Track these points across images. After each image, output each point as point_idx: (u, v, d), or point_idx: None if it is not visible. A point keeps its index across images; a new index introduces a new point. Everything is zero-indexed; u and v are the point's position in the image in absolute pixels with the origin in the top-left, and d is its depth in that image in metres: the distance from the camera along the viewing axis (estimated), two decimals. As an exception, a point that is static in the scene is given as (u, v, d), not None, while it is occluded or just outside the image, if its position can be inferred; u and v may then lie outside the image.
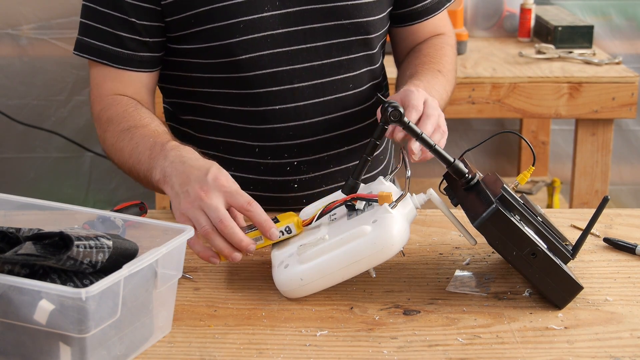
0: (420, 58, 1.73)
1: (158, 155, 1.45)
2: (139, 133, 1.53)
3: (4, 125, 3.16)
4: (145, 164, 1.48)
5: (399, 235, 1.29)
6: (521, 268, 1.29)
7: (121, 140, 1.55)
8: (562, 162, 3.39)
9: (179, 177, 1.39)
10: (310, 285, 1.31)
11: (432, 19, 1.78)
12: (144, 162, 1.48)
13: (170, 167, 1.41)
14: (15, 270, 1.13)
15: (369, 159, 1.38)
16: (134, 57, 1.62)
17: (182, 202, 1.36)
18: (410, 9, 1.75)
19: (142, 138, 1.52)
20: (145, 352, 1.20)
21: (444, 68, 1.71)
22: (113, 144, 1.58)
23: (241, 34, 1.59)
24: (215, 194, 1.34)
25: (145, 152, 1.49)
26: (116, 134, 1.57)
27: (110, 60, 1.62)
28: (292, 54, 1.63)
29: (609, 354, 1.19)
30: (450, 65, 1.74)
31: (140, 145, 1.51)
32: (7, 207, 1.31)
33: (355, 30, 1.66)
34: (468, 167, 1.37)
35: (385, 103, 1.33)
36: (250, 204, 1.34)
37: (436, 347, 1.21)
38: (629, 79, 2.68)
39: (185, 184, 1.37)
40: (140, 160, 1.49)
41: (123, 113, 1.58)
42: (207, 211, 1.33)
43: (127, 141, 1.54)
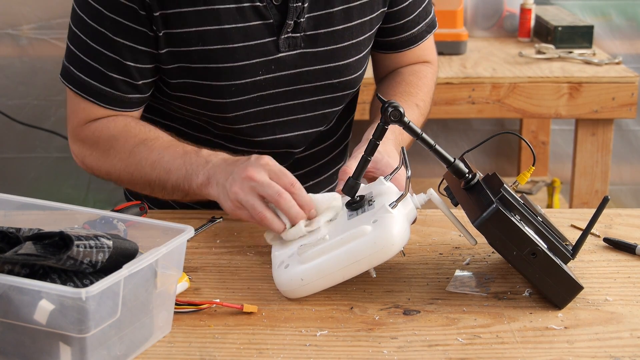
0: (401, 86, 1.74)
1: (195, 161, 1.46)
2: (158, 144, 1.52)
3: (4, 125, 3.16)
4: (179, 171, 1.47)
5: (399, 235, 1.29)
6: (521, 268, 1.29)
7: (137, 152, 1.53)
8: (562, 162, 3.39)
9: (224, 173, 1.41)
10: (310, 285, 1.31)
11: (417, 47, 1.80)
12: (176, 170, 1.48)
13: (214, 169, 1.43)
14: (15, 270, 1.13)
15: (369, 159, 1.38)
16: (123, 99, 1.58)
17: (230, 189, 1.38)
18: (393, 39, 1.77)
19: (165, 149, 1.51)
20: (145, 352, 1.20)
21: (422, 101, 1.73)
22: (125, 159, 1.55)
23: (231, 95, 1.59)
24: (261, 171, 1.36)
25: (176, 160, 1.48)
26: (127, 148, 1.54)
27: (97, 99, 1.57)
28: (279, 109, 1.65)
29: (609, 354, 1.19)
30: (428, 97, 1.77)
31: (167, 156, 1.50)
32: (7, 207, 1.31)
33: (344, 86, 1.69)
34: (468, 167, 1.37)
35: (385, 103, 1.33)
36: (294, 185, 1.36)
37: (436, 347, 1.21)
38: (629, 79, 2.68)
39: (229, 175, 1.39)
40: (170, 170, 1.48)
41: (125, 127, 1.56)
42: (260, 190, 1.36)
43: (145, 153, 1.52)
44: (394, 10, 1.72)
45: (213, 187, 1.42)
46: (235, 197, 1.38)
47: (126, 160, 1.55)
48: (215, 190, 1.42)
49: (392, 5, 1.71)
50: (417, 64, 1.82)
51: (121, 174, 1.58)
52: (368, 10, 1.66)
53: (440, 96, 2.67)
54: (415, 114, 1.69)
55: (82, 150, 1.63)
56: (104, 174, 1.62)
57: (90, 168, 1.64)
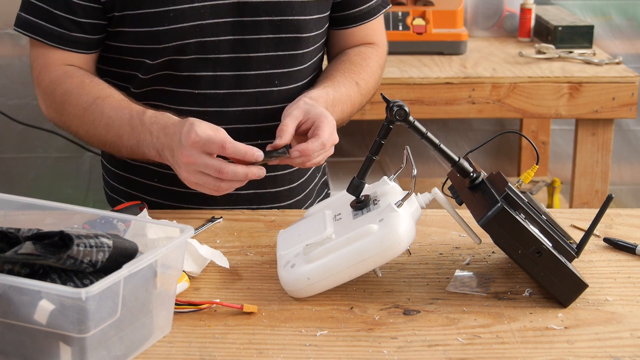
0: (345, 64, 1.77)
1: (141, 131, 1.52)
2: (108, 105, 1.56)
3: (4, 125, 3.16)
4: (130, 139, 1.54)
5: (405, 233, 1.29)
6: (526, 266, 1.29)
7: (90, 113, 1.58)
8: (562, 162, 3.39)
9: (167, 149, 1.47)
10: (317, 285, 1.31)
11: (365, 25, 1.81)
12: (127, 137, 1.54)
13: (157, 142, 1.49)
14: (15, 270, 1.13)
15: (374, 159, 1.38)
16: (70, 37, 1.63)
17: (181, 174, 1.45)
18: (344, 14, 1.78)
19: (114, 110, 1.56)
20: (145, 352, 1.20)
21: (363, 80, 1.75)
22: (79, 117, 1.60)
23: (169, 22, 1.61)
24: (193, 152, 1.42)
25: (124, 126, 1.54)
26: (80, 107, 1.59)
27: (47, 38, 1.63)
28: (218, 44, 1.65)
29: (609, 354, 1.19)
30: (371, 77, 1.78)
31: (116, 120, 1.55)
32: (7, 207, 1.31)
33: (286, 27, 1.68)
34: (472, 166, 1.37)
35: (390, 102, 1.34)
36: (224, 147, 1.41)
37: (436, 347, 1.21)
38: (629, 79, 2.68)
39: (173, 154, 1.45)
40: (122, 135, 1.54)
41: (81, 85, 1.60)
42: (205, 171, 1.42)
43: (97, 114, 1.57)
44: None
45: (167, 160, 1.50)
46: (190, 181, 1.45)
47: (81, 118, 1.60)
48: (169, 163, 1.49)
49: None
50: (364, 46, 1.83)
51: (78, 130, 1.63)
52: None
53: (440, 96, 2.67)
54: (354, 92, 1.71)
55: (43, 100, 1.68)
56: (63, 127, 1.67)
57: (52, 119, 1.69)
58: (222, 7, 1.63)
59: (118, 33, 1.65)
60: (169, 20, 1.61)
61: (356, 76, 1.74)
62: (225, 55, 1.66)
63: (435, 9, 2.96)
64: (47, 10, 1.62)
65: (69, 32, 1.63)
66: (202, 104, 1.69)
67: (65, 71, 1.64)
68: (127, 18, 1.62)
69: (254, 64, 1.69)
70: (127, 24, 1.63)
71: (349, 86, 1.70)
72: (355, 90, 1.72)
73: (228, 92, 1.69)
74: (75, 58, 1.65)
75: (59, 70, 1.64)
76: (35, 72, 1.68)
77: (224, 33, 1.65)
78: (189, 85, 1.68)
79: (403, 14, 2.94)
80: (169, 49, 1.63)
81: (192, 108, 1.69)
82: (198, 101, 1.69)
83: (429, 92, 2.67)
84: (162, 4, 1.60)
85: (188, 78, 1.67)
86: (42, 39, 1.63)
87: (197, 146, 1.41)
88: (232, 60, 1.67)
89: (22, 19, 1.65)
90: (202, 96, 1.68)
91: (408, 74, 2.70)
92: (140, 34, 1.63)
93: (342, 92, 1.68)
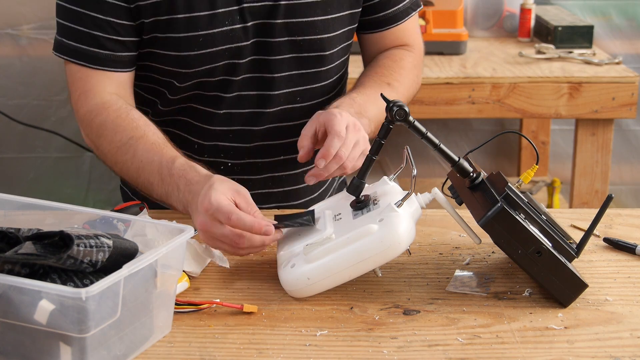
0: (375, 69, 1.75)
1: (169, 183, 1.48)
2: (141, 147, 1.53)
3: (4, 125, 3.16)
4: (159, 188, 1.50)
5: (405, 233, 1.29)
6: (526, 266, 1.29)
7: (123, 153, 1.56)
8: (562, 162, 3.39)
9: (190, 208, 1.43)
10: (317, 285, 1.31)
11: (397, 27, 1.80)
12: (157, 185, 1.50)
13: (184, 197, 1.45)
14: (15, 270, 1.13)
15: (374, 159, 1.38)
16: (112, 57, 1.62)
17: (200, 236, 1.39)
18: (375, 16, 1.77)
19: (146, 154, 1.52)
20: (145, 352, 1.20)
21: (396, 80, 1.72)
22: (113, 154, 1.58)
23: (199, 47, 1.61)
24: (207, 219, 1.36)
25: (154, 174, 1.50)
26: (115, 145, 1.57)
27: (90, 62, 1.61)
28: (243, 65, 1.65)
29: (609, 354, 1.19)
30: (405, 78, 1.75)
31: (147, 165, 1.52)
32: (7, 207, 1.31)
33: (309, 47, 1.68)
34: (472, 166, 1.37)
35: (390, 102, 1.34)
36: (230, 219, 1.34)
37: (436, 347, 1.21)
38: (629, 79, 2.68)
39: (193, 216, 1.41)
40: (152, 182, 1.51)
41: (116, 120, 1.58)
42: (221, 239, 1.36)
43: (130, 155, 1.54)
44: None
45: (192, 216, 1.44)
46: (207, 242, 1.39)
47: (114, 156, 1.58)
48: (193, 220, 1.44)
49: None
50: (396, 48, 1.81)
51: (112, 166, 1.61)
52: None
53: (440, 96, 2.67)
54: (386, 91, 1.67)
55: (82, 127, 1.67)
56: (100, 158, 1.65)
57: (90, 147, 1.67)
58: (249, 29, 1.63)
59: (149, 53, 1.64)
60: (198, 46, 1.61)
61: (387, 78, 1.72)
62: (249, 75, 1.67)
63: (435, 9, 2.96)
64: (87, 33, 1.60)
65: (114, 53, 1.61)
66: (226, 123, 1.69)
67: (103, 101, 1.61)
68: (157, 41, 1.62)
69: (277, 84, 1.69)
70: (157, 46, 1.63)
71: (378, 88, 1.68)
72: (387, 90, 1.69)
73: (252, 111, 1.69)
74: (116, 78, 1.63)
75: (97, 98, 1.62)
76: (74, 98, 1.66)
77: (249, 54, 1.65)
78: (214, 105, 1.68)
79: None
80: (199, 73, 1.64)
81: (216, 127, 1.70)
82: (222, 120, 1.69)
83: (429, 92, 2.67)
84: (192, 29, 1.60)
85: (214, 98, 1.68)
86: (87, 63, 1.61)
87: (209, 213, 1.36)
88: (256, 80, 1.67)
89: (64, 44, 1.63)
90: (226, 115, 1.69)
91: (408, 74, 2.70)
92: (171, 57, 1.63)
93: (369, 93, 1.65)
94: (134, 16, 1.60)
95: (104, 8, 1.58)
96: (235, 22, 1.62)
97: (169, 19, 1.59)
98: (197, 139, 1.72)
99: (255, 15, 1.63)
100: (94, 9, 1.59)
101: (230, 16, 1.61)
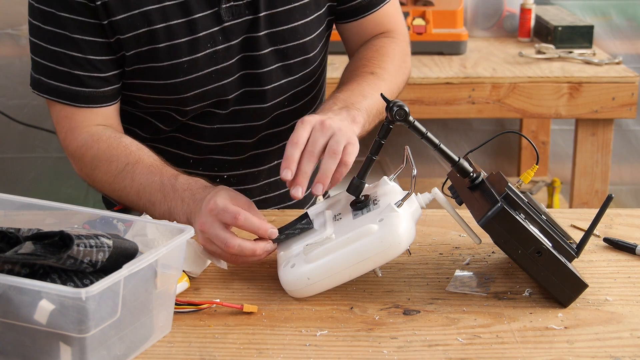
0: (356, 63, 1.71)
1: (173, 198, 1.47)
2: (138, 171, 1.52)
3: (4, 125, 3.16)
4: (162, 206, 1.48)
5: (405, 233, 1.29)
6: (526, 266, 1.29)
7: (121, 180, 1.54)
8: (562, 162, 3.39)
9: (193, 215, 1.42)
10: (317, 285, 1.31)
11: (376, 13, 1.75)
12: (159, 204, 1.49)
13: (187, 208, 1.44)
14: (15, 270, 1.13)
15: (374, 159, 1.38)
16: (96, 94, 1.58)
17: (199, 241, 1.39)
18: (352, 4, 1.73)
19: (145, 177, 1.51)
20: (145, 352, 1.20)
21: (379, 68, 1.67)
22: (110, 184, 1.56)
23: (185, 73, 1.59)
24: (209, 221, 1.36)
25: (155, 193, 1.49)
26: (111, 174, 1.55)
27: (74, 100, 1.58)
28: (232, 83, 1.64)
29: (609, 354, 1.19)
30: (390, 65, 1.70)
31: (147, 187, 1.51)
32: (7, 207, 1.31)
33: (293, 53, 1.67)
34: (472, 166, 1.37)
35: (390, 102, 1.34)
36: (238, 218, 1.33)
37: (436, 347, 1.21)
38: (629, 79, 2.68)
39: (195, 221, 1.40)
40: (154, 202, 1.50)
41: (108, 150, 1.56)
42: (214, 241, 1.36)
43: (128, 181, 1.53)
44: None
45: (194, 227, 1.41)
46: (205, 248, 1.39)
47: (112, 185, 1.56)
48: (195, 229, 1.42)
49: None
50: (377, 37, 1.77)
51: (110, 195, 1.59)
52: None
53: (440, 96, 2.67)
54: (371, 83, 1.63)
55: (74, 162, 1.64)
56: (96, 189, 1.63)
57: (84, 180, 1.65)
58: (233, 47, 1.62)
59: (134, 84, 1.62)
60: (183, 72, 1.59)
61: (369, 67, 1.68)
62: (241, 90, 1.66)
63: (435, 9, 2.96)
64: (68, 73, 1.56)
65: (97, 90, 1.58)
66: (219, 138, 1.69)
67: (91, 134, 1.59)
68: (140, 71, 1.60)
69: (268, 96, 1.68)
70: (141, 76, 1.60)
71: (362, 80, 1.64)
72: (371, 79, 1.64)
73: (245, 125, 1.69)
74: (102, 112, 1.61)
75: (84, 133, 1.59)
76: (62, 135, 1.63)
77: (236, 71, 1.64)
78: (207, 122, 1.68)
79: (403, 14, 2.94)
80: (188, 98, 1.62)
81: (210, 143, 1.70)
82: (215, 136, 1.69)
83: (429, 92, 2.67)
84: (175, 57, 1.58)
85: (205, 114, 1.67)
86: (70, 102, 1.59)
87: (213, 214, 1.36)
88: (248, 95, 1.67)
89: (43, 83, 1.59)
90: (219, 130, 1.68)
91: (408, 74, 2.70)
92: (156, 86, 1.61)
93: (352, 88, 1.61)
94: (114, 50, 1.57)
95: (82, 46, 1.55)
96: (218, 43, 1.60)
97: (151, 49, 1.57)
98: (191, 154, 1.72)
99: (237, 32, 1.61)
100: (72, 49, 1.55)
101: (212, 38, 1.59)
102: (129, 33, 1.55)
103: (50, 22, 1.54)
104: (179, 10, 1.56)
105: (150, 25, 1.55)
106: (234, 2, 1.59)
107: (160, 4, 1.55)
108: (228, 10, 1.59)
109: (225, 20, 1.59)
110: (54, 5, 1.53)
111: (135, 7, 1.54)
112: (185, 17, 1.56)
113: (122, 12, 1.54)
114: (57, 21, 1.54)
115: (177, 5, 1.56)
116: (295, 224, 1.41)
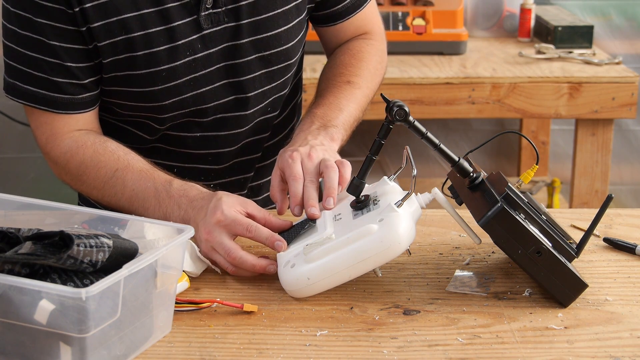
0: (332, 70, 1.73)
1: (168, 204, 1.47)
2: (129, 177, 1.52)
3: (4, 125, 3.15)
4: (156, 212, 1.48)
5: (405, 233, 1.29)
6: (526, 266, 1.29)
7: (111, 186, 1.53)
8: (562, 162, 3.39)
9: (193, 223, 1.42)
10: (317, 285, 1.31)
11: (356, 17, 1.77)
12: (153, 210, 1.49)
13: (185, 215, 1.44)
14: (15, 270, 1.13)
15: (374, 159, 1.38)
16: (74, 101, 1.56)
17: (201, 249, 1.40)
18: (331, 11, 1.74)
19: (137, 182, 1.51)
20: (145, 352, 1.20)
21: (355, 76, 1.70)
22: (99, 190, 1.55)
23: (164, 81, 1.58)
24: (214, 229, 1.37)
25: (149, 199, 1.49)
26: (100, 180, 1.54)
27: (52, 106, 1.56)
28: (212, 91, 1.63)
29: (609, 353, 1.19)
30: (365, 70, 1.73)
31: (140, 192, 1.50)
32: (7, 207, 1.31)
33: (276, 59, 1.66)
34: (472, 166, 1.37)
35: (390, 102, 1.34)
36: (249, 230, 1.37)
37: (436, 347, 1.21)
38: (629, 79, 2.69)
39: (197, 229, 1.40)
40: (147, 208, 1.49)
41: (95, 156, 1.55)
42: (217, 250, 1.37)
43: (120, 187, 1.52)
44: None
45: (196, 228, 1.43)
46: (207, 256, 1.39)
47: (101, 191, 1.55)
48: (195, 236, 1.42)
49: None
50: (353, 40, 1.79)
51: (99, 200, 1.58)
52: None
53: (440, 96, 2.68)
54: (347, 94, 1.66)
55: (56, 169, 1.63)
56: (83, 192, 1.63)
57: (69, 186, 1.64)
58: (213, 55, 1.60)
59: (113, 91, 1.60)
60: (162, 80, 1.57)
61: (346, 76, 1.70)
62: (223, 100, 1.65)
63: (435, 9, 2.96)
64: (46, 79, 1.53)
65: (75, 96, 1.56)
66: (204, 146, 1.69)
67: (75, 140, 1.57)
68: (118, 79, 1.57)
69: (251, 102, 1.67)
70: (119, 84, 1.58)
71: (337, 90, 1.67)
72: (347, 88, 1.68)
73: (229, 133, 1.69)
74: (82, 117, 1.59)
75: (67, 139, 1.58)
76: (42, 142, 1.61)
77: (217, 79, 1.62)
78: (189, 130, 1.67)
79: (403, 14, 2.94)
80: (167, 106, 1.60)
81: (194, 151, 1.69)
82: (199, 144, 1.68)
83: (429, 92, 2.67)
84: (153, 65, 1.56)
85: (186, 123, 1.66)
86: (49, 108, 1.56)
87: (221, 225, 1.37)
88: (231, 103, 1.66)
89: (19, 88, 1.56)
90: (202, 138, 1.68)
91: (408, 74, 2.70)
92: (134, 93, 1.59)
93: (329, 102, 1.64)
94: (92, 57, 1.54)
95: (60, 53, 1.52)
96: (197, 51, 1.58)
97: (129, 57, 1.54)
98: (176, 163, 1.71)
99: (217, 39, 1.59)
100: (49, 55, 1.52)
101: (191, 46, 1.57)
102: (106, 40, 1.53)
103: (26, 27, 1.51)
104: (157, 18, 1.54)
105: (128, 33, 1.53)
106: (213, 9, 1.57)
107: (139, 11, 1.53)
108: (207, 17, 1.57)
109: (205, 28, 1.57)
110: (30, 11, 1.50)
111: (114, 15, 1.51)
112: (164, 25, 1.55)
113: (100, 19, 1.51)
114: (33, 27, 1.51)
115: (156, 13, 1.54)
116: (298, 230, 1.41)
